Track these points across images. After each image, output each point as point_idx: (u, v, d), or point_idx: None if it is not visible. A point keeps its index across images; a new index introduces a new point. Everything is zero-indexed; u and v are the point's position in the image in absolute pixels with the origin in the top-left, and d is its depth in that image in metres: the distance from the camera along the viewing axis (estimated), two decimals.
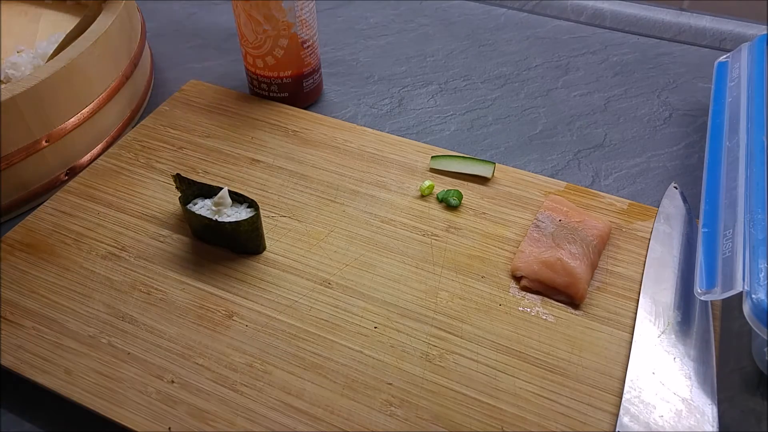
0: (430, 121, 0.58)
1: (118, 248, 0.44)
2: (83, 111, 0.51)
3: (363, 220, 0.46)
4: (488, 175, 0.49)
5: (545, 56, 0.66)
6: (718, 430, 0.34)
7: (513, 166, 0.51)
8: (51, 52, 0.58)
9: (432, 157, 0.51)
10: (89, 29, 0.52)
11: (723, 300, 0.37)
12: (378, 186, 0.49)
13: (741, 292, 0.35)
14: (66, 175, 0.51)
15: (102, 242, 0.45)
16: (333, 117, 0.57)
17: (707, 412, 0.34)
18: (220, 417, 0.35)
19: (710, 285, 0.38)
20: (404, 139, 0.54)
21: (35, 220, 0.46)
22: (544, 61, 0.66)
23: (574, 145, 0.56)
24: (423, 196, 0.48)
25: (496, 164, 0.50)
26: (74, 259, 0.43)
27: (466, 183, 0.49)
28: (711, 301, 0.39)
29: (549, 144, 0.56)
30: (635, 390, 0.36)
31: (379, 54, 0.67)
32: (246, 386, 0.36)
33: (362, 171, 0.50)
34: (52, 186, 0.50)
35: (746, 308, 0.35)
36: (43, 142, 0.48)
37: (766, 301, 0.34)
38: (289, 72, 0.55)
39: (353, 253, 0.44)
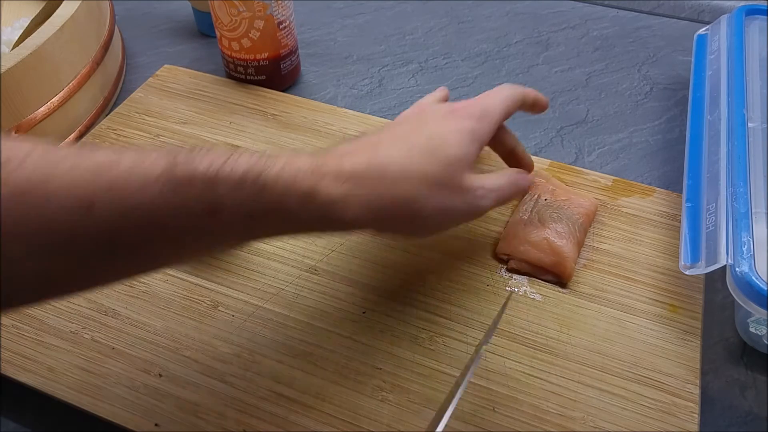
0: (411, 101, 0.57)
1: None
2: (53, 100, 0.49)
3: None
4: None
5: (525, 32, 0.66)
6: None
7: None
8: (16, 39, 0.56)
9: None
10: (55, 13, 0.50)
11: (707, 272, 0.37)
12: None
13: (725, 266, 0.36)
14: None
15: None
16: (312, 99, 0.55)
17: None
18: (210, 409, 0.35)
19: (695, 259, 0.38)
20: (386, 120, 0.53)
21: None
22: (524, 37, 0.65)
23: (557, 121, 0.55)
24: None
25: None
26: None
27: None
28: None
29: (532, 121, 0.55)
30: None
31: (357, 33, 0.66)
32: (235, 377, 0.36)
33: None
34: None
35: (730, 281, 0.35)
36: (12, 134, 0.46)
37: (749, 274, 0.34)
38: (266, 54, 0.54)
39: (338, 239, 0.43)
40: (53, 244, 0.25)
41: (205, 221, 0.27)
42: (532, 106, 0.42)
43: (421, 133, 0.34)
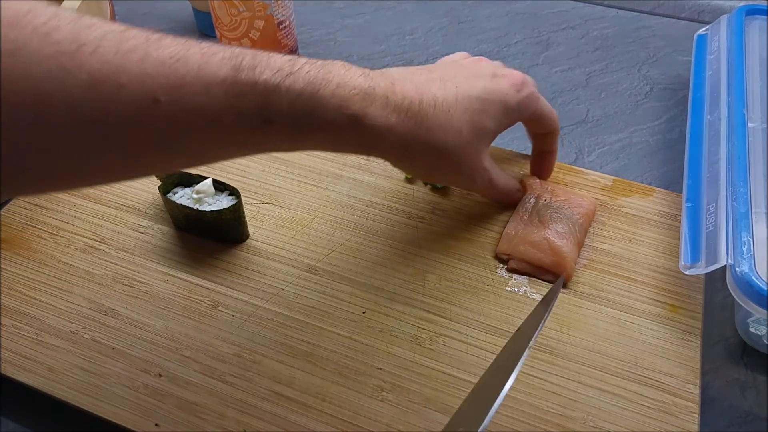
0: None
1: (97, 241, 0.43)
2: None
3: (347, 204, 0.45)
4: None
5: (525, 32, 0.66)
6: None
7: (497, 145, 0.51)
8: None
9: None
10: None
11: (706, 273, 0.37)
12: (361, 169, 0.48)
13: (725, 266, 0.36)
14: None
15: (80, 235, 0.43)
16: None
17: None
18: (210, 409, 0.35)
19: (695, 259, 0.38)
20: None
21: (8, 214, 0.45)
22: (524, 37, 0.65)
23: None
24: (407, 179, 0.47)
25: None
26: (52, 254, 0.42)
27: None
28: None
29: None
30: None
31: (357, 33, 0.66)
32: (235, 377, 0.36)
33: (345, 154, 0.49)
34: None
35: (730, 281, 0.35)
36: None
37: (749, 274, 0.34)
38: None
39: (338, 239, 0.43)
40: (117, 135, 0.25)
41: (258, 129, 0.28)
42: (543, 139, 0.45)
43: (472, 88, 0.37)
